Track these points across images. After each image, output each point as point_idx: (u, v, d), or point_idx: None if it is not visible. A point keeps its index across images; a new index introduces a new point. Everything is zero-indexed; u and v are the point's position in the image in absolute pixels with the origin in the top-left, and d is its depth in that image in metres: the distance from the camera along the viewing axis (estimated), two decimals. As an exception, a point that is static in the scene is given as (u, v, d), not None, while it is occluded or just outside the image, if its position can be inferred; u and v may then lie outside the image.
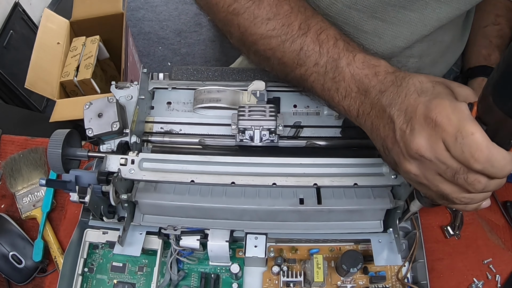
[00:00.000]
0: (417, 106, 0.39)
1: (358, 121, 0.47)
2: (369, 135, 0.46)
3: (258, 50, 0.51)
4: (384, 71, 0.44)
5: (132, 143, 0.56)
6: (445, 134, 0.37)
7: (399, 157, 0.42)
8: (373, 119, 0.44)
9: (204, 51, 1.98)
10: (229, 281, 0.55)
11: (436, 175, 0.40)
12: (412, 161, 0.40)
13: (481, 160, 0.36)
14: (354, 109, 0.46)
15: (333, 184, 0.50)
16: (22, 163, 0.69)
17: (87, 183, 0.51)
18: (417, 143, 0.39)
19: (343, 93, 0.46)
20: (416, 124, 0.39)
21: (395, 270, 0.55)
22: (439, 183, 0.40)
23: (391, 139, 0.42)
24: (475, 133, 0.36)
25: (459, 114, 0.37)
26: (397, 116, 0.41)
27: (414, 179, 0.42)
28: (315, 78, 0.48)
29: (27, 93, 1.52)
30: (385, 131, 0.43)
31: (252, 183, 0.50)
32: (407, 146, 0.40)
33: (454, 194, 0.40)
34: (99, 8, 1.38)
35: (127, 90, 0.60)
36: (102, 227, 0.57)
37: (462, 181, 0.38)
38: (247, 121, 0.57)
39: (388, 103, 0.42)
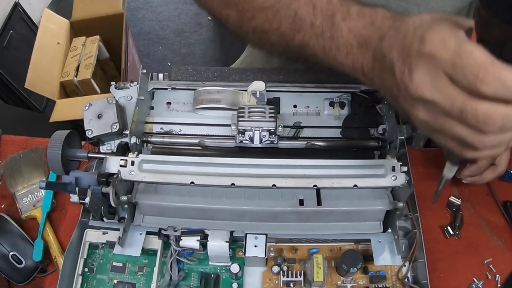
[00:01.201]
0: (412, 42, 0.35)
1: (366, 78, 0.43)
2: (380, 91, 0.43)
3: (256, 26, 0.50)
4: (381, 17, 0.41)
5: (132, 144, 0.56)
6: (443, 61, 0.32)
7: (406, 105, 0.37)
8: (378, 71, 0.41)
9: (204, 51, 1.98)
10: (229, 281, 0.56)
11: (445, 117, 0.35)
12: (417, 105, 0.36)
13: (488, 79, 0.30)
14: (359, 65, 0.43)
15: (333, 185, 0.50)
16: (22, 163, 0.69)
17: (87, 184, 0.51)
18: (416, 82, 0.35)
19: (344, 51, 0.44)
20: (413, 61, 0.35)
21: (395, 270, 0.55)
22: (451, 126, 0.35)
23: (395, 85, 0.38)
24: (474, 51, 0.31)
25: (455, 37, 0.32)
26: (397, 59, 0.37)
27: (426, 126, 0.37)
28: (314, 42, 0.46)
29: (27, 93, 1.52)
30: (389, 79, 0.38)
31: (252, 184, 0.50)
32: (407, 88, 0.36)
33: (471, 137, 0.34)
34: (99, 8, 1.38)
35: (127, 90, 0.60)
36: (102, 227, 0.57)
37: (472, 119, 0.32)
38: (247, 122, 0.57)
39: (388, 48, 0.38)
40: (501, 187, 0.67)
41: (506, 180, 0.68)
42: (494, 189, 0.67)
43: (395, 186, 0.51)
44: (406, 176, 0.50)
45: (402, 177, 0.50)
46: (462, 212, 0.63)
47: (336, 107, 0.62)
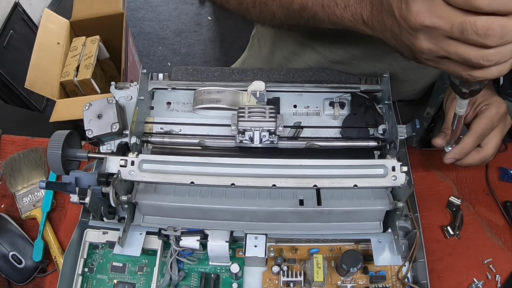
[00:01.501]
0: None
1: (368, 27, 0.46)
2: (382, 37, 0.45)
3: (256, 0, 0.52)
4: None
5: (132, 144, 0.56)
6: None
7: (408, 38, 0.40)
8: (377, 17, 0.44)
9: (204, 51, 1.98)
10: (229, 281, 0.55)
11: (447, 40, 0.37)
12: (419, 35, 0.38)
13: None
14: (358, 16, 0.46)
15: (333, 185, 0.50)
16: (22, 163, 0.70)
17: (87, 184, 0.51)
18: (414, 12, 0.37)
19: (342, 5, 0.46)
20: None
21: (395, 270, 0.55)
22: (455, 48, 0.37)
23: (395, 24, 0.40)
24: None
25: None
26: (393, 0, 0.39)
27: (431, 55, 0.39)
28: (313, 2, 0.49)
29: (27, 93, 1.53)
30: (389, 20, 0.41)
31: (252, 184, 0.50)
32: (407, 20, 0.38)
33: (475, 54, 0.36)
34: (99, 8, 1.38)
35: (127, 90, 0.60)
36: (102, 227, 0.57)
37: (473, 36, 0.34)
38: (247, 122, 0.57)
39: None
40: (501, 187, 0.67)
41: (506, 180, 0.68)
42: (494, 189, 0.67)
43: (395, 186, 0.51)
44: (406, 176, 0.50)
45: (402, 177, 0.50)
46: (462, 212, 0.63)
47: (336, 107, 0.62)
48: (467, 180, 0.68)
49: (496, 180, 0.68)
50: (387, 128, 0.59)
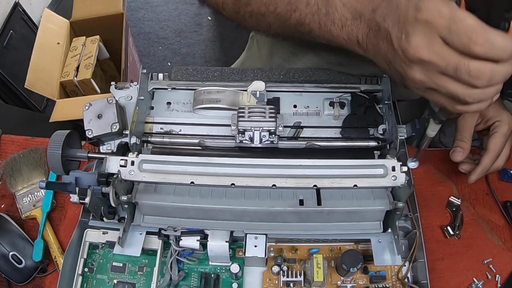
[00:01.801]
0: (407, 11, 0.39)
1: (361, 48, 0.48)
2: (373, 59, 0.47)
3: (253, 10, 0.53)
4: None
5: (132, 144, 0.56)
6: (439, 27, 0.37)
7: (402, 67, 0.42)
8: (372, 40, 0.45)
9: (204, 51, 1.98)
10: (229, 281, 0.55)
11: (440, 75, 0.39)
12: (414, 66, 0.41)
13: (479, 41, 0.35)
14: (353, 36, 0.47)
15: (333, 185, 0.50)
16: (22, 163, 0.69)
17: (87, 184, 0.51)
18: (414, 46, 0.39)
19: (339, 24, 0.48)
20: (409, 27, 0.39)
21: (395, 270, 0.56)
22: (445, 84, 0.39)
23: (391, 51, 0.42)
24: (467, 17, 0.36)
25: (449, 6, 0.37)
26: (392, 27, 0.41)
27: (421, 85, 0.42)
28: (310, 19, 0.50)
29: (27, 93, 1.52)
30: (384, 46, 0.43)
31: (252, 184, 0.50)
32: (405, 52, 0.40)
33: (463, 91, 0.39)
34: (99, 8, 1.38)
35: (127, 90, 0.60)
36: (102, 227, 0.57)
37: (465, 76, 0.37)
38: (247, 122, 0.57)
39: (382, 18, 0.43)
40: (501, 187, 0.67)
41: (506, 180, 0.68)
42: (494, 189, 0.67)
43: (395, 186, 0.51)
44: (406, 176, 0.50)
45: (402, 177, 0.50)
46: (462, 212, 0.63)
47: (336, 107, 0.62)
48: (467, 180, 0.68)
49: (496, 180, 0.68)
50: (387, 128, 0.59)
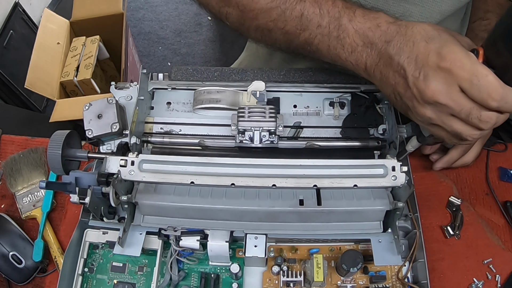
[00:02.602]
0: (428, 54, 0.42)
1: (367, 73, 0.49)
2: (378, 85, 0.49)
3: (260, 24, 0.53)
4: (385, 22, 0.46)
5: (132, 144, 0.56)
6: (460, 78, 0.40)
7: (413, 103, 0.44)
8: (382, 69, 0.46)
9: (204, 51, 1.98)
10: (229, 281, 0.55)
11: (450, 117, 0.43)
12: (427, 105, 0.43)
13: (497, 98, 0.39)
14: (362, 62, 0.48)
15: (333, 185, 0.50)
16: (22, 163, 0.69)
17: (87, 184, 0.51)
18: (433, 89, 0.41)
19: (349, 49, 0.48)
20: (430, 70, 0.42)
21: (395, 270, 0.56)
22: (453, 124, 0.43)
23: (402, 85, 0.45)
24: (489, 75, 0.39)
25: (470, 59, 0.40)
26: (408, 64, 0.43)
27: (428, 121, 0.45)
28: (319, 40, 0.50)
29: (27, 93, 1.52)
30: (395, 78, 0.45)
31: (252, 184, 0.50)
32: (421, 92, 0.42)
33: (467, 132, 0.43)
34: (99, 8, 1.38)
35: (127, 90, 0.60)
36: (102, 227, 0.57)
37: (475, 120, 0.42)
38: (247, 122, 0.57)
39: (396, 52, 0.44)
40: (501, 187, 0.67)
41: (506, 180, 0.68)
42: (494, 189, 0.67)
43: (395, 186, 0.51)
44: (406, 176, 0.50)
45: (402, 177, 0.50)
46: (462, 212, 0.63)
47: (336, 107, 0.62)
48: (467, 180, 0.68)
49: (496, 180, 0.68)
50: (387, 128, 0.59)
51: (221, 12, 0.55)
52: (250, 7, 0.51)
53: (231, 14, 0.54)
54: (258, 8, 0.51)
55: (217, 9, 0.56)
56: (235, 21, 0.55)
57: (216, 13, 0.56)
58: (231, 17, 0.55)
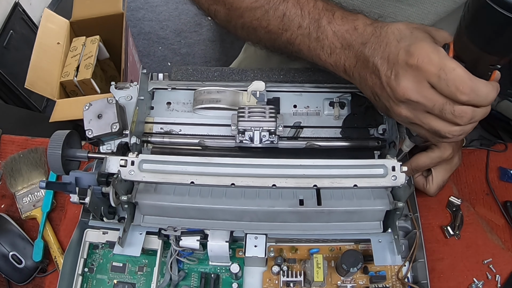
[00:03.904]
0: (398, 52, 0.42)
1: (347, 75, 0.49)
2: (358, 86, 0.49)
3: (245, 23, 0.54)
4: (362, 24, 0.47)
5: (132, 144, 0.56)
6: (428, 74, 0.40)
7: (389, 102, 0.45)
8: (360, 70, 0.47)
9: (204, 51, 1.98)
10: (229, 281, 0.56)
11: (425, 114, 0.43)
12: (401, 104, 0.43)
13: (466, 91, 0.39)
14: (341, 64, 0.49)
15: (333, 185, 0.50)
16: (22, 163, 0.69)
17: (87, 184, 0.51)
18: (403, 87, 0.42)
19: (328, 51, 0.49)
20: (400, 69, 0.42)
21: (395, 270, 0.56)
22: (429, 121, 0.43)
23: (378, 86, 0.45)
24: (456, 68, 0.39)
25: (438, 54, 0.40)
26: (381, 64, 0.44)
27: (406, 120, 0.45)
28: (300, 40, 0.51)
29: (27, 93, 1.52)
30: (372, 79, 0.46)
31: (252, 184, 0.50)
32: (394, 91, 0.43)
33: (445, 128, 0.42)
34: (99, 8, 1.38)
35: (127, 90, 0.60)
36: (102, 227, 0.57)
37: (450, 115, 0.41)
38: (247, 122, 0.57)
39: (371, 53, 0.45)
40: (501, 187, 0.67)
41: (506, 180, 0.68)
42: (494, 189, 0.67)
43: (395, 186, 0.51)
44: (406, 176, 0.50)
45: (402, 177, 0.50)
46: (462, 212, 0.63)
47: (336, 107, 0.62)
48: (467, 180, 0.68)
49: (496, 180, 0.68)
50: (387, 128, 0.59)
51: (210, 9, 0.57)
52: (236, 5, 0.53)
53: (219, 12, 0.55)
54: (243, 7, 0.52)
55: (206, 6, 0.57)
56: (222, 19, 0.56)
57: (206, 11, 0.58)
58: (219, 15, 0.56)
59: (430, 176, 0.60)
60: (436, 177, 0.60)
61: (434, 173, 0.60)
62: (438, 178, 0.60)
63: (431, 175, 0.60)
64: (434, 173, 0.60)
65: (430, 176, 0.60)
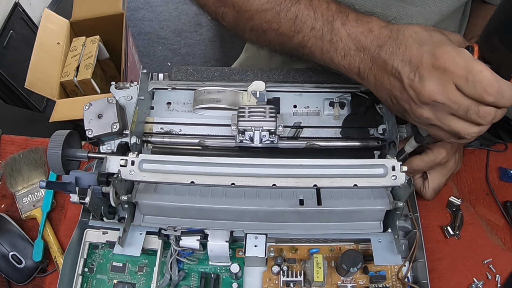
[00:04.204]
0: (422, 56, 0.42)
1: (360, 77, 0.49)
2: (373, 90, 0.49)
3: (254, 25, 0.53)
4: (377, 26, 0.47)
5: (132, 144, 0.56)
6: (455, 76, 0.40)
7: (410, 105, 0.45)
8: (375, 73, 0.47)
9: (204, 51, 1.98)
10: (229, 281, 0.55)
11: (448, 115, 0.43)
12: (424, 106, 0.44)
13: (493, 93, 0.39)
14: (355, 66, 0.48)
15: (333, 185, 0.50)
16: (22, 163, 0.69)
17: (87, 184, 0.51)
18: (429, 89, 0.42)
19: (342, 53, 0.48)
20: (425, 71, 0.42)
21: (395, 270, 0.56)
22: (451, 122, 0.43)
23: (398, 88, 0.45)
24: (483, 70, 0.39)
25: (464, 57, 0.40)
26: (402, 67, 0.44)
27: (426, 122, 0.45)
28: (313, 43, 0.50)
29: (27, 93, 1.52)
30: (390, 82, 0.45)
31: (252, 184, 0.50)
32: (418, 93, 0.43)
33: (466, 130, 0.43)
34: (99, 8, 1.38)
35: (127, 90, 0.60)
36: (102, 227, 0.57)
37: (474, 116, 0.41)
38: (247, 122, 0.57)
39: (389, 56, 0.45)
40: (501, 187, 0.67)
41: (506, 180, 0.68)
42: (494, 189, 0.67)
43: (395, 186, 0.51)
44: (406, 176, 0.50)
45: (402, 176, 0.50)
46: (462, 212, 0.63)
47: (336, 107, 0.62)
48: (467, 180, 0.68)
49: (496, 180, 0.68)
50: (387, 128, 0.59)
51: (217, 12, 0.56)
52: (246, 7, 0.52)
53: (227, 14, 0.54)
54: (253, 9, 0.51)
55: (213, 9, 0.56)
56: (230, 21, 0.55)
57: (212, 13, 0.57)
58: (227, 17, 0.55)
59: (427, 180, 0.60)
60: (432, 180, 0.60)
61: (430, 177, 0.60)
62: (434, 182, 0.60)
63: (428, 179, 0.60)
64: (430, 177, 0.60)
65: (427, 180, 0.60)
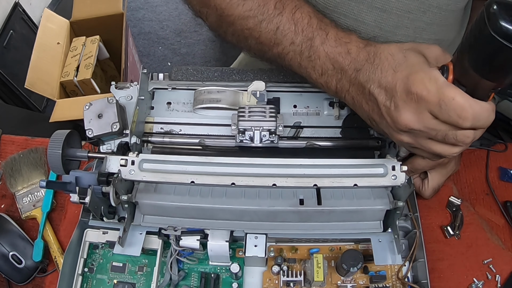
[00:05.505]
0: (396, 84, 0.42)
1: (338, 96, 0.49)
2: (352, 108, 0.49)
3: (236, 30, 0.52)
4: (356, 47, 0.46)
5: (132, 144, 0.56)
6: (429, 104, 0.40)
7: (389, 130, 0.45)
8: (354, 95, 0.47)
9: (204, 51, 1.98)
10: (229, 281, 0.55)
11: (427, 140, 0.43)
12: (402, 133, 0.44)
13: (468, 118, 0.39)
14: (332, 85, 0.48)
15: (333, 185, 0.50)
16: (22, 163, 0.69)
17: (87, 184, 0.51)
18: (404, 118, 0.42)
19: (320, 71, 0.48)
20: (399, 101, 0.42)
21: (395, 269, 0.56)
22: (431, 146, 0.43)
23: (377, 113, 0.45)
24: (455, 96, 0.39)
25: (436, 83, 0.40)
26: (378, 93, 0.44)
27: (407, 146, 0.46)
28: (292, 56, 0.50)
29: (27, 93, 1.52)
30: (369, 106, 0.45)
31: (252, 184, 0.50)
32: (395, 122, 0.43)
33: (447, 152, 0.43)
34: (99, 8, 1.38)
35: (127, 90, 0.60)
36: (102, 227, 0.57)
37: (452, 140, 0.42)
38: (247, 122, 0.57)
39: (366, 80, 0.44)
40: (501, 187, 0.67)
41: (506, 180, 0.68)
42: (494, 189, 0.67)
43: (395, 186, 0.51)
44: (406, 176, 0.50)
45: (402, 176, 0.50)
46: (462, 212, 0.63)
47: (336, 107, 0.62)
48: (467, 180, 0.68)
49: (496, 180, 0.68)
50: (387, 128, 0.59)
51: (201, 12, 0.56)
52: (228, 12, 0.51)
53: (210, 16, 0.54)
54: (235, 14, 0.51)
55: (197, 8, 0.56)
56: (213, 23, 0.55)
57: (197, 12, 0.57)
58: (210, 19, 0.55)
59: (426, 179, 0.60)
60: (432, 180, 0.60)
61: (430, 177, 0.60)
62: (433, 182, 0.60)
63: (427, 178, 0.60)
64: (430, 177, 0.60)
65: (426, 179, 0.60)
